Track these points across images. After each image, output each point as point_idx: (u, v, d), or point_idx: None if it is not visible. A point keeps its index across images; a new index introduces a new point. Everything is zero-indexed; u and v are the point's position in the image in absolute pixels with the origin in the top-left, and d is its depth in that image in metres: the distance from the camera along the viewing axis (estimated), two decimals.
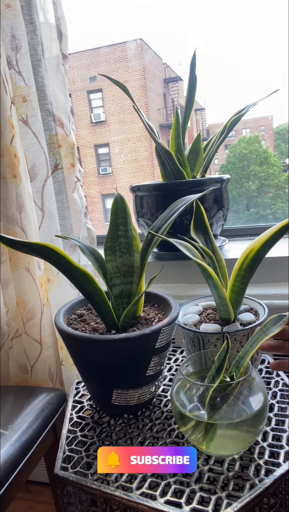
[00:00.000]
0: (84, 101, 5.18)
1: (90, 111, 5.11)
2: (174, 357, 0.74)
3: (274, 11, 1.53)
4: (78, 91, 5.38)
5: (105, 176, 4.92)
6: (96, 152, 4.99)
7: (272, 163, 3.86)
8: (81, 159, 5.31)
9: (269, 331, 0.50)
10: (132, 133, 4.77)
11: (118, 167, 4.93)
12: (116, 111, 4.94)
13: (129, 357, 0.52)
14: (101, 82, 5.05)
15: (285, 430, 0.52)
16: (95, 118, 5.04)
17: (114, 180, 5.06)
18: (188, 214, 0.85)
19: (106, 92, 5.05)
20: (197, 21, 1.69)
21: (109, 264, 0.58)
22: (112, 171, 4.93)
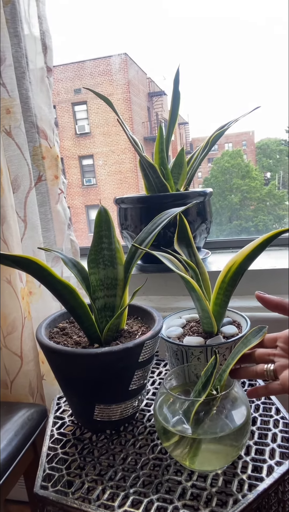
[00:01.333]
0: (68, 113, 5.20)
1: (75, 122, 5.13)
2: (157, 370, 0.74)
3: (258, 30, 1.59)
4: (63, 102, 5.41)
5: (90, 187, 4.93)
6: (81, 163, 5.00)
7: (254, 177, 3.94)
8: (65, 170, 5.32)
9: (249, 343, 0.50)
10: (116, 145, 4.81)
11: (102, 178, 4.95)
12: (101, 123, 4.98)
13: (112, 371, 0.52)
14: (86, 95, 5.09)
15: (268, 443, 0.52)
16: (80, 130, 5.07)
17: (98, 191, 5.07)
18: (171, 227, 0.86)
19: (91, 105, 5.09)
20: (181, 38, 1.74)
21: (92, 277, 0.57)
22: (96, 182, 4.94)
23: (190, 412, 0.47)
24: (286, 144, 4.58)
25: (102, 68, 4.96)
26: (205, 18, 1.80)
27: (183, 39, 1.68)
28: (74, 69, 5.30)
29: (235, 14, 1.63)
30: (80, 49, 2.14)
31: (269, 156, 4.70)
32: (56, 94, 5.20)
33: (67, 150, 5.14)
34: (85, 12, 1.74)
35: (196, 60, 1.83)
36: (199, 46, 1.85)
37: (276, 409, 0.59)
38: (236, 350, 0.50)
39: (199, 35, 1.88)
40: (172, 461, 0.51)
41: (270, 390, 0.47)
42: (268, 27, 1.55)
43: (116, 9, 1.83)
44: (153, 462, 0.51)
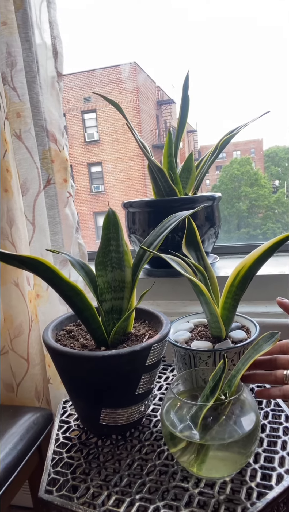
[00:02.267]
0: (78, 121, 5.26)
1: (84, 130, 5.18)
2: (164, 375, 0.73)
3: (267, 36, 1.59)
4: (73, 111, 5.47)
5: (98, 194, 4.96)
6: (89, 170, 5.04)
7: (262, 185, 3.93)
8: (74, 177, 5.36)
9: (260, 349, 0.49)
10: (125, 152, 4.85)
11: (110, 185, 4.98)
12: (110, 131, 5.02)
13: (118, 375, 0.51)
14: (95, 103, 5.15)
15: (277, 451, 0.51)
16: (89, 138, 5.11)
17: (106, 198, 5.09)
18: (179, 231, 0.85)
19: (100, 113, 5.14)
20: (190, 46, 1.75)
21: (100, 279, 0.57)
22: (104, 189, 4.97)
23: (197, 417, 0.46)
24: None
25: (112, 76, 5.02)
26: (213, 27, 1.81)
27: (192, 48, 1.70)
28: (84, 77, 5.37)
29: (243, 22, 1.63)
30: (90, 58, 2.17)
31: (278, 164, 4.69)
32: (66, 102, 5.28)
33: (76, 157, 5.19)
34: (96, 21, 1.76)
35: (205, 68, 1.83)
36: (207, 55, 1.86)
37: (286, 417, 0.57)
38: (247, 355, 0.49)
39: (208, 44, 1.89)
40: (178, 468, 0.50)
41: (285, 393, 0.46)
42: (278, 35, 1.55)
43: (126, 18, 1.85)
44: (159, 469, 0.50)
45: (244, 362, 0.49)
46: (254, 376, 0.50)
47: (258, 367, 0.50)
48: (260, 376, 0.49)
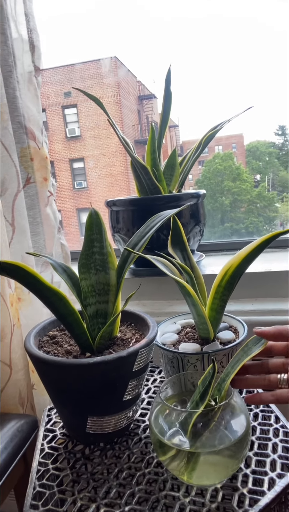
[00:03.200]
0: (59, 116, 5.18)
1: (65, 126, 5.10)
2: (152, 377, 0.72)
3: (248, 33, 1.58)
4: (53, 106, 5.38)
5: (81, 190, 4.90)
6: (71, 166, 4.97)
7: (244, 179, 3.96)
8: (56, 173, 5.28)
9: (250, 351, 0.48)
10: (107, 148, 4.79)
11: (93, 181, 4.93)
12: (91, 126, 4.96)
13: (105, 382, 0.49)
14: (76, 98, 5.07)
15: (268, 454, 0.50)
16: (70, 133, 5.04)
17: (89, 194, 5.04)
18: (164, 229, 0.84)
19: (81, 108, 5.07)
20: (170, 41, 1.73)
21: (83, 282, 0.55)
22: (87, 185, 4.92)
23: (187, 424, 0.45)
24: (275, 147, 4.62)
25: (92, 71, 4.95)
26: (194, 23, 1.80)
27: (172, 42, 1.68)
28: (64, 72, 5.28)
29: (224, 17, 1.62)
30: (70, 53, 2.13)
31: (259, 158, 4.74)
32: (46, 97, 5.19)
33: (58, 153, 5.11)
34: (75, 15, 1.73)
35: (185, 63, 1.82)
36: (188, 50, 1.85)
37: (276, 418, 0.57)
38: (236, 358, 0.48)
39: (188, 39, 1.88)
40: (168, 475, 0.48)
41: (278, 398, 0.45)
42: (258, 32, 1.55)
43: (106, 13, 1.83)
44: (149, 477, 0.49)
45: (234, 365, 0.48)
46: (245, 381, 0.48)
47: (248, 371, 0.49)
48: (252, 381, 0.48)
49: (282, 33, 1.42)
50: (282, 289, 0.86)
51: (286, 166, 4.37)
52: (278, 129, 4.15)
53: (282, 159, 4.41)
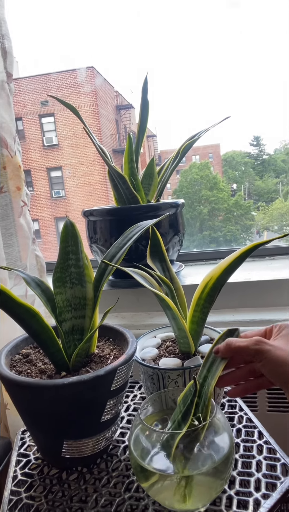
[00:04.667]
0: (36, 125, 5.12)
1: (42, 134, 5.05)
2: (132, 394, 0.69)
3: (225, 44, 1.61)
4: (30, 114, 5.33)
5: (58, 199, 4.84)
6: (49, 175, 4.92)
7: (221, 188, 4.02)
8: (33, 182, 5.18)
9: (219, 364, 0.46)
10: (85, 157, 4.77)
11: (71, 190, 4.88)
12: (69, 135, 4.92)
13: (81, 403, 0.47)
14: (53, 107, 5.04)
15: (252, 473, 0.48)
16: (48, 142, 4.99)
17: (67, 203, 4.99)
18: (143, 240, 0.82)
19: (58, 117, 5.04)
20: (147, 52, 1.74)
21: (58, 297, 0.52)
22: (65, 194, 4.86)
23: (169, 445, 0.42)
24: (251, 157, 4.71)
25: (70, 81, 4.94)
26: (172, 35, 1.83)
27: (150, 54, 1.68)
28: (41, 81, 5.24)
29: (201, 29, 1.65)
30: (48, 62, 2.11)
31: (235, 168, 4.82)
32: (23, 106, 5.13)
33: (35, 162, 5.05)
34: (54, 25, 1.72)
35: (163, 75, 1.84)
36: (166, 62, 1.87)
37: (259, 433, 0.55)
38: (214, 367, 0.46)
39: (166, 52, 1.91)
40: (149, 501, 0.46)
41: (262, 383, 0.45)
42: (235, 45, 1.58)
43: (85, 23, 1.83)
44: (129, 503, 0.46)
45: (213, 375, 0.46)
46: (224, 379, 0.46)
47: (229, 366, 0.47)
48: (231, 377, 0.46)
49: (258, 46, 1.46)
50: (262, 298, 0.85)
51: (262, 176, 4.45)
52: (253, 140, 4.22)
53: (257, 169, 4.50)
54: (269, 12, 1.35)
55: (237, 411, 0.61)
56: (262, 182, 4.32)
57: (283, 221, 3.66)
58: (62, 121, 5.01)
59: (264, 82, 1.53)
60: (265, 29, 1.28)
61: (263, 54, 1.35)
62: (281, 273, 0.89)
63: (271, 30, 1.22)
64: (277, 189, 4.25)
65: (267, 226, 3.93)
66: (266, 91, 1.54)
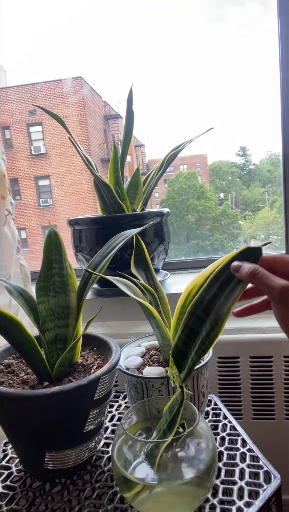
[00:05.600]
0: (23, 134, 5.12)
1: (30, 143, 5.05)
2: (116, 403, 0.69)
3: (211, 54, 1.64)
4: (18, 123, 5.32)
5: (46, 207, 4.82)
6: (37, 184, 4.91)
7: (208, 197, 4.06)
8: (20, 191, 5.19)
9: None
10: (73, 166, 4.78)
11: (59, 199, 4.88)
12: (57, 144, 4.93)
13: (64, 413, 0.46)
14: (41, 116, 5.05)
15: (236, 481, 0.48)
16: (36, 151, 4.99)
17: (55, 212, 4.97)
18: (128, 248, 0.82)
19: (46, 126, 5.05)
20: (136, 62, 1.77)
21: (41, 306, 0.52)
22: (53, 203, 4.85)
23: (153, 455, 0.42)
24: (237, 167, 4.79)
25: (58, 90, 4.97)
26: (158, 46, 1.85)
27: (138, 64, 1.72)
28: (29, 90, 5.25)
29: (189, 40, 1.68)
30: (36, 71, 2.12)
31: (222, 177, 4.89)
32: (10, 114, 5.13)
33: (23, 170, 5.03)
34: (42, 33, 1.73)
35: (151, 85, 1.86)
36: (154, 72, 1.89)
37: (242, 441, 0.55)
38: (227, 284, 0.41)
39: (154, 62, 1.93)
40: (132, 511, 0.45)
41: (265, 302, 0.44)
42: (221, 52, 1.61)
43: (73, 33, 1.84)
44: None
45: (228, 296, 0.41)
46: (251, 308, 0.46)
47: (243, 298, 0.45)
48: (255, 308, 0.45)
49: (246, 57, 1.49)
50: None
51: (248, 185, 4.53)
52: (239, 150, 4.31)
53: (243, 179, 4.58)
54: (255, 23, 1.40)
55: (221, 419, 0.61)
56: (249, 191, 4.38)
57: (269, 230, 3.71)
58: (50, 130, 5.02)
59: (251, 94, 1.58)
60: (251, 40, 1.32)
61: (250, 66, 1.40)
62: None
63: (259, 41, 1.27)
64: (263, 199, 4.32)
65: (254, 235, 3.97)
66: (253, 102, 1.59)
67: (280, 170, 1.01)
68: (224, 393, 0.84)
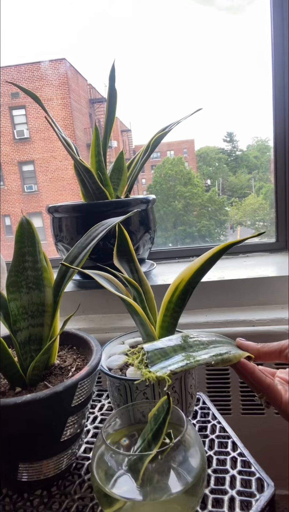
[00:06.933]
0: (6, 118, 4.95)
1: (13, 127, 4.89)
2: (99, 403, 0.65)
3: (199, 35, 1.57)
4: (0, 106, 5.14)
5: (31, 194, 4.70)
6: (21, 169, 4.77)
7: (195, 184, 4.02)
8: (4, 176, 5.06)
9: None
10: (58, 151, 4.65)
11: (44, 185, 4.76)
12: (41, 128, 4.79)
13: (37, 423, 0.42)
14: (24, 99, 4.88)
15: (226, 491, 0.45)
16: (19, 135, 4.84)
17: (40, 199, 4.86)
18: (112, 238, 0.77)
19: (30, 109, 4.88)
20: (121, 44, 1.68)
21: (12, 304, 0.47)
22: (38, 189, 4.74)
23: (137, 468, 0.38)
24: (224, 153, 4.74)
25: (41, 72, 4.80)
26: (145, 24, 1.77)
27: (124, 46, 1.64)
28: (11, 72, 5.07)
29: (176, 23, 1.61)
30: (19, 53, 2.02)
31: (209, 163, 4.84)
32: None
33: (6, 155, 4.89)
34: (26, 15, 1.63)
35: (137, 69, 1.78)
36: (140, 55, 1.82)
37: (233, 444, 0.52)
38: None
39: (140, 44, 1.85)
40: None
41: None
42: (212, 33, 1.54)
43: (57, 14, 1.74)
44: None
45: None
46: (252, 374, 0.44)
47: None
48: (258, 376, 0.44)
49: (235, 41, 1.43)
50: (236, 298, 0.83)
51: (235, 171, 4.49)
52: (226, 136, 4.25)
53: (230, 165, 4.53)
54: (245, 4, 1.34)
55: (210, 419, 0.58)
56: (236, 178, 4.34)
57: (255, 216, 3.70)
58: (33, 114, 4.86)
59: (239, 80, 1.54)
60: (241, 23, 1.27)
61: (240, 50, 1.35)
62: (255, 271, 0.87)
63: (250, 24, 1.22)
64: (250, 185, 4.29)
65: (240, 221, 3.96)
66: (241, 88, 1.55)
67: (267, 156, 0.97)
68: (212, 388, 0.80)
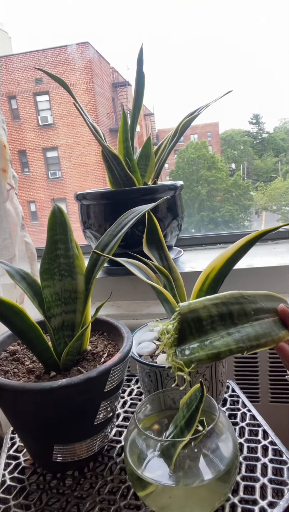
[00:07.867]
0: (30, 104, 4.96)
1: (37, 113, 4.90)
2: (129, 388, 0.65)
3: (225, 20, 1.53)
4: (24, 93, 5.16)
5: (55, 180, 4.74)
6: (45, 155, 4.80)
7: (219, 168, 3.93)
8: (29, 163, 5.05)
9: None
10: (81, 136, 4.64)
11: (68, 171, 4.78)
12: (65, 114, 4.78)
13: (72, 407, 0.43)
14: (48, 85, 4.87)
15: (258, 478, 0.45)
16: (43, 121, 4.85)
17: (64, 184, 4.89)
18: (140, 225, 0.77)
19: (53, 95, 4.88)
20: (144, 27, 1.65)
21: (46, 291, 0.48)
22: (62, 175, 4.76)
23: (170, 454, 0.39)
24: (250, 135, 4.59)
25: (64, 57, 4.76)
26: (171, 9, 1.73)
27: (147, 30, 1.59)
28: (35, 58, 5.05)
29: (203, 6, 1.56)
30: (42, 38, 1.99)
31: (234, 147, 4.71)
32: (17, 83, 4.96)
33: (30, 142, 4.92)
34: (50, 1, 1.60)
35: (161, 52, 1.75)
36: (164, 39, 1.78)
37: (264, 432, 0.52)
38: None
39: (165, 28, 1.81)
40: (147, 509, 0.43)
41: None
42: (236, 22, 1.49)
43: None
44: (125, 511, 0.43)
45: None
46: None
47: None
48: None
49: (262, 24, 1.37)
50: (265, 286, 0.81)
51: (261, 155, 4.36)
52: (252, 118, 4.09)
53: (256, 148, 4.40)
54: None
55: (240, 407, 0.58)
56: (261, 161, 4.23)
57: (282, 201, 3.60)
58: (57, 100, 4.85)
59: (265, 59, 1.47)
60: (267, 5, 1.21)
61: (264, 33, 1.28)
62: (285, 258, 0.85)
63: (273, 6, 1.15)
64: (276, 169, 4.17)
65: (266, 206, 3.86)
66: (267, 68, 1.48)
67: None
68: (241, 376, 0.80)
